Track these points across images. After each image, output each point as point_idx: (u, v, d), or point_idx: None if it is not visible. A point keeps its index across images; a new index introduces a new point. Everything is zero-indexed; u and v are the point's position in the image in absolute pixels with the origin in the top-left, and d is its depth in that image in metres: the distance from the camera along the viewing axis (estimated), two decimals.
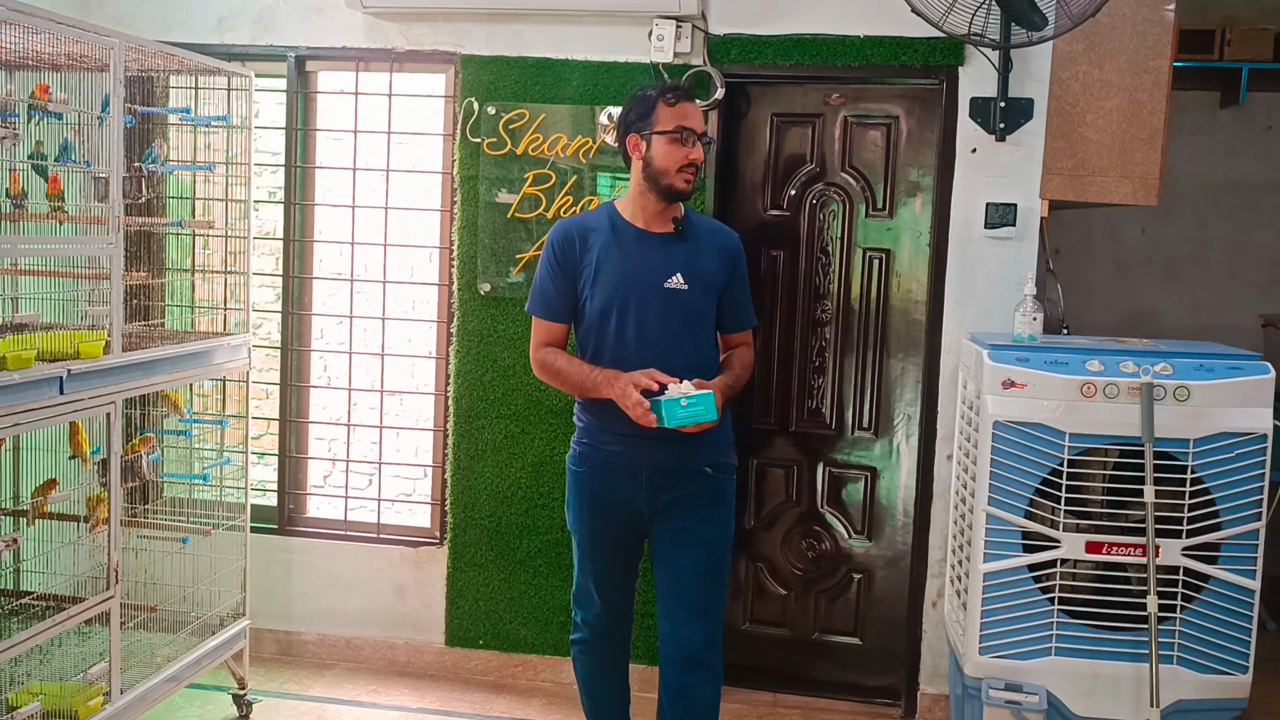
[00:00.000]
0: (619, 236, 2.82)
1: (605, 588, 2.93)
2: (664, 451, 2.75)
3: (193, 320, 3.91)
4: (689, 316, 2.81)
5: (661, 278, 2.78)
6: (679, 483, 2.79)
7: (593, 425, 2.84)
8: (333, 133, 4.11)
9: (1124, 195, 3.53)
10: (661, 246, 2.82)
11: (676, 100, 2.78)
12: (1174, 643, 3.01)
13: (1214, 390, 2.98)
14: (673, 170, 2.76)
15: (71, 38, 2.85)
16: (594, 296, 2.80)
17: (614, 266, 2.79)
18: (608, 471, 2.82)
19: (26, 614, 2.96)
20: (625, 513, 2.84)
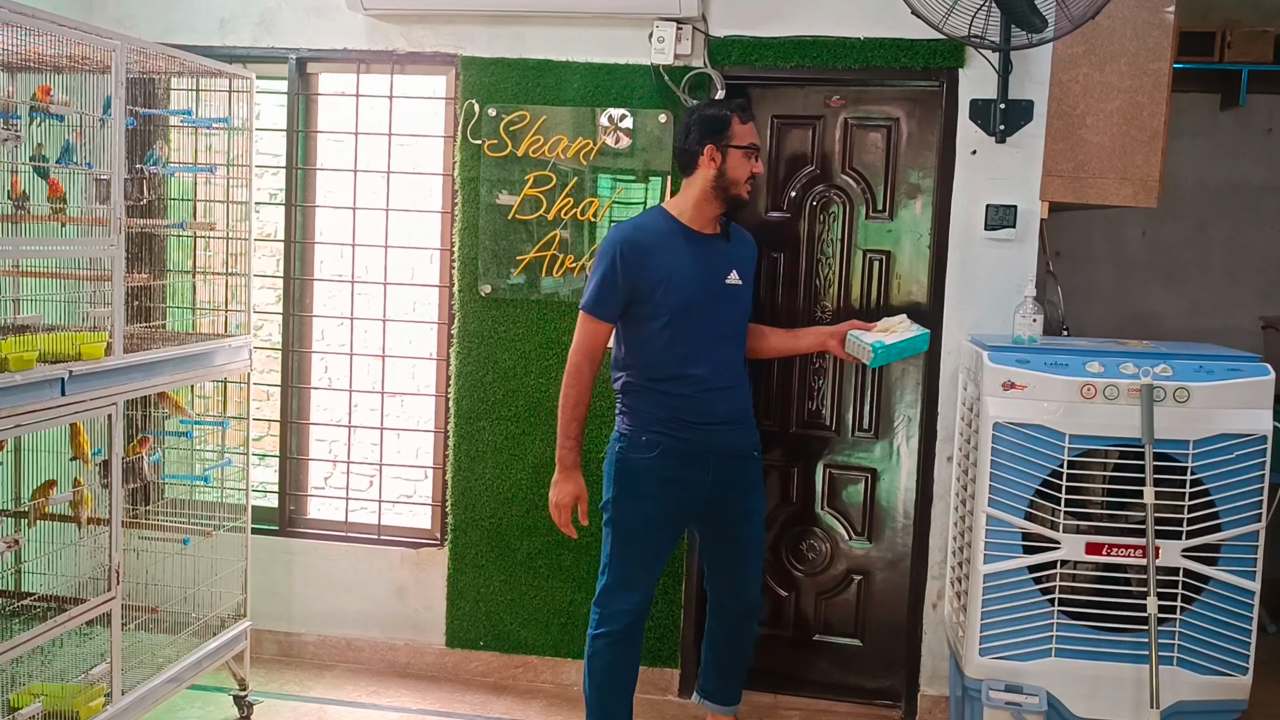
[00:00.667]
0: (681, 238, 3.08)
1: (652, 570, 3.13)
2: (727, 435, 3.10)
3: (194, 322, 3.91)
4: (742, 310, 3.18)
5: (723, 276, 3.10)
6: (736, 465, 3.13)
7: (666, 416, 3.06)
8: (334, 134, 4.12)
9: (1124, 197, 3.53)
10: (717, 247, 3.13)
11: (747, 119, 3.08)
12: (1174, 644, 3.01)
13: (1214, 392, 2.98)
14: (741, 181, 3.05)
15: (73, 40, 2.86)
16: (669, 294, 3.02)
17: (684, 267, 3.05)
18: (680, 455, 3.05)
19: (28, 615, 2.97)
20: (689, 492, 3.08)
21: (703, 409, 3.05)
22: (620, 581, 3.10)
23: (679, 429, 3.05)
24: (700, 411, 3.05)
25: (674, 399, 3.05)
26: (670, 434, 3.05)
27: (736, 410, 3.13)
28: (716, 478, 3.09)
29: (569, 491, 3.12)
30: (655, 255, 3.03)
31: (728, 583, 3.25)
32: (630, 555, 3.09)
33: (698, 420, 3.05)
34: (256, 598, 3.83)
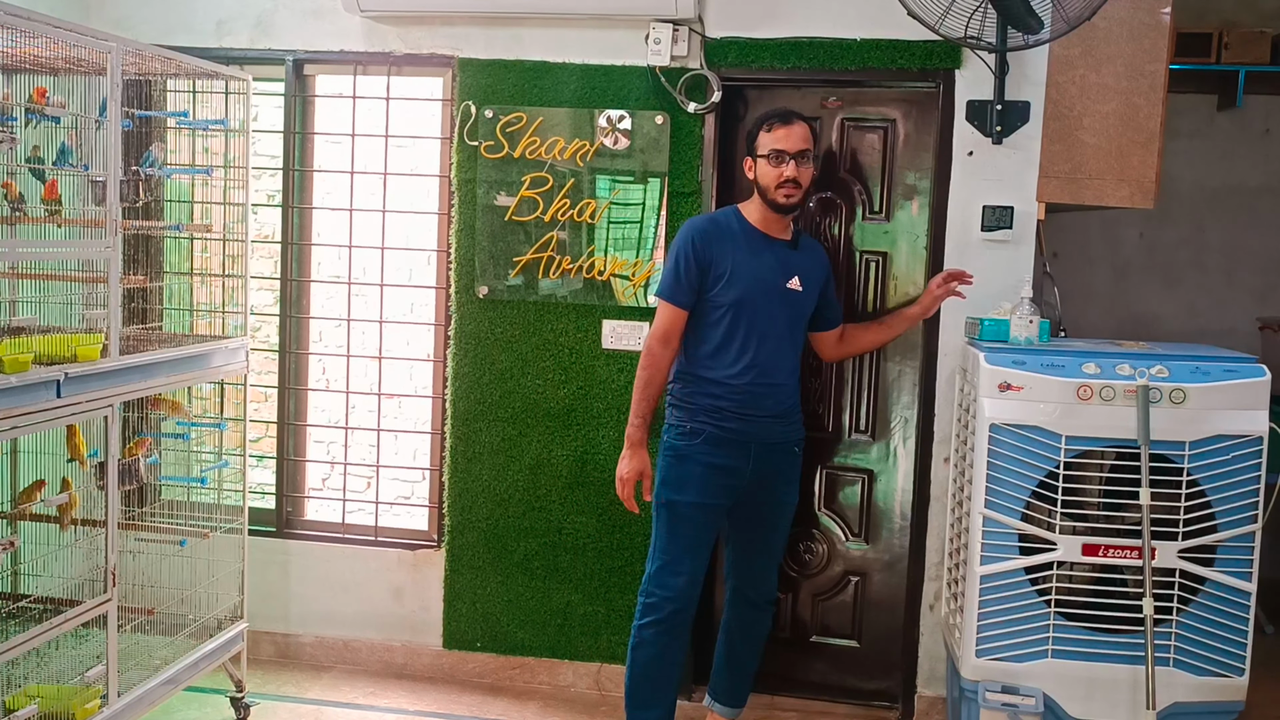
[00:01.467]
0: (750, 239, 3.24)
1: (698, 554, 3.24)
2: (771, 428, 3.24)
3: (191, 323, 3.92)
4: (799, 315, 3.30)
5: (784, 279, 3.23)
6: (777, 457, 3.28)
7: (710, 406, 3.20)
8: (331, 136, 4.12)
9: (1121, 198, 3.53)
10: (782, 251, 3.26)
11: (773, 126, 3.19)
12: (1170, 645, 3.01)
13: (1210, 393, 2.98)
14: (772, 187, 3.17)
15: (69, 41, 2.86)
16: (728, 288, 3.18)
17: (747, 264, 3.19)
18: (722, 443, 3.19)
19: (24, 617, 2.97)
20: (731, 479, 3.22)
21: (750, 403, 3.19)
22: (668, 566, 3.22)
23: (725, 419, 3.19)
24: (747, 405, 3.19)
25: (723, 390, 3.19)
26: (716, 424, 3.19)
27: (783, 407, 3.25)
28: (758, 467, 3.23)
29: (633, 467, 3.23)
30: (722, 249, 3.19)
31: (750, 571, 3.38)
32: (677, 539, 3.22)
33: (743, 413, 3.19)
34: (253, 599, 3.83)
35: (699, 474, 3.20)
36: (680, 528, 3.23)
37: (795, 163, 3.15)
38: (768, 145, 3.18)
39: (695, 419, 3.22)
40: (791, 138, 3.17)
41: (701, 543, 3.26)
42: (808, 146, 3.20)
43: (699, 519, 3.24)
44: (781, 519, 3.39)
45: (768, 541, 3.37)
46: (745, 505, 3.30)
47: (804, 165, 3.18)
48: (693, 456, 3.21)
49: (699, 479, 3.21)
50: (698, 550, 3.25)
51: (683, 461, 3.22)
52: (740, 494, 3.26)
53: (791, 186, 3.16)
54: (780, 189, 3.16)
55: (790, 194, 3.17)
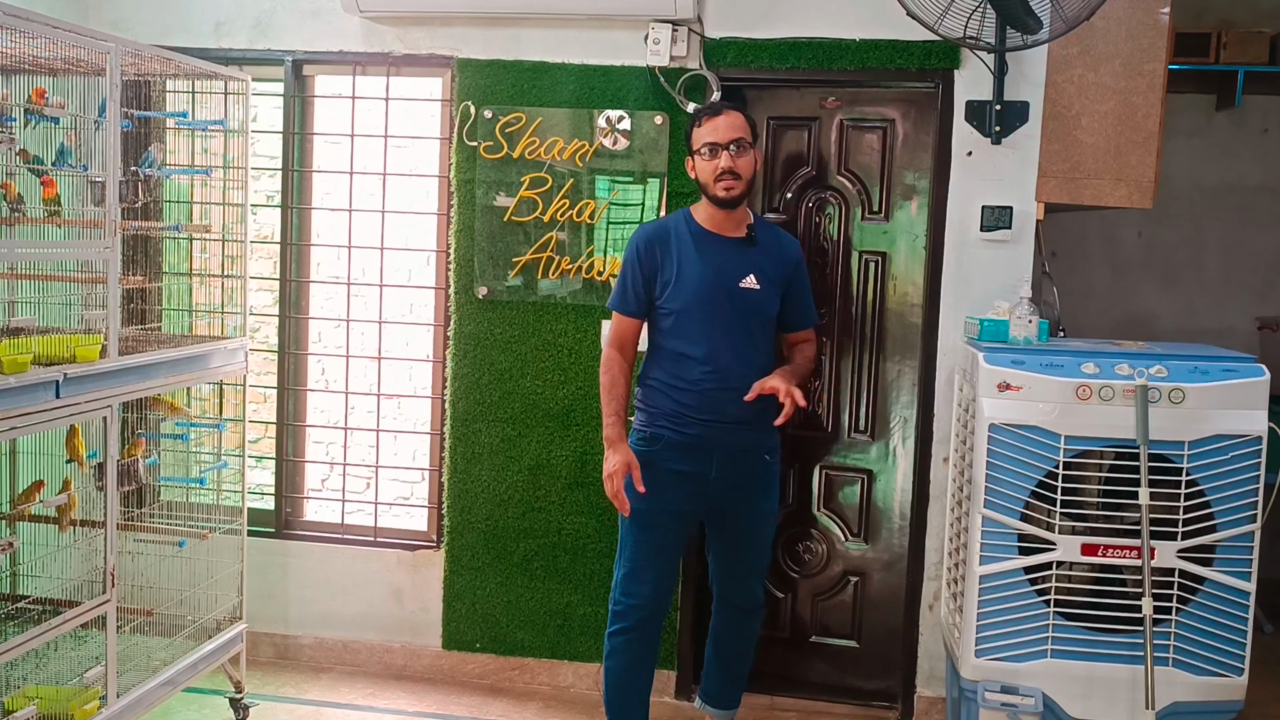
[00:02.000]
0: (697, 240, 3.16)
1: (661, 565, 3.18)
2: (736, 435, 3.14)
3: (190, 324, 3.91)
4: (759, 314, 3.16)
5: (736, 278, 3.12)
6: (744, 465, 3.17)
7: (672, 410, 3.14)
8: (330, 137, 4.12)
9: (1119, 198, 3.53)
10: (735, 250, 3.15)
11: (703, 120, 3.13)
12: (1169, 645, 3.01)
13: (1209, 393, 2.98)
14: (711, 182, 3.10)
15: (68, 42, 2.86)
16: (676, 294, 3.12)
17: (695, 267, 3.12)
18: (683, 449, 3.13)
19: (23, 618, 2.97)
20: (694, 486, 3.15)
21: (711, 408, 3.11)
22: (633, 573, 3.17)
23: (687, 425, 3.13)
24: (708, 410, 3.11)
25: (683, 395, 3.12)
26: (677, 430, 3.13)
27: (748, 412, 3.11)
28: (724, 474, 3.15)
29: (617, 459, 3.08)
30: (668, 254, 3.14)
31: (731, 579, 3.32)
32: (642, 546, 3.16)
33: (704, 418, 3.12)
34: (253, 600, 3.83)
35: (661, 480, 3.11)
36: (644, 535, 3.17)
37: (729, 153, 3.06)
38: (700, 140, 3.11)
39: (655, 424, 3.17)
40: (722, 128, 3.08)
41: (667, 549, 3.20)
42: (741, 135, 3.09)
43: (663, 525, 3.17)
44: (759, 529, 3.29)
45: (746, 552, 3.29)
46: (719, 514, 3.24)
47: (741, 155, 3.07)
48: (654, 463, 3.13)
49: (661, 485, 3.11)
50: (663, 557, 3.19)
51: (645, 468, 3.11)
52: (709, 501, 3.20)
53: (730, 178, 3.07)
54: (719, 182, 3.08)
55: (730, 186, 3.07)
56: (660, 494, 3.12)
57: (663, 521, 3.17)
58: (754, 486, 3.22)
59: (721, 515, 3.24)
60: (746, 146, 3.10)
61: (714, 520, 3.27)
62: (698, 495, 3.17)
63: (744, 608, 3.36)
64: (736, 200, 3.11)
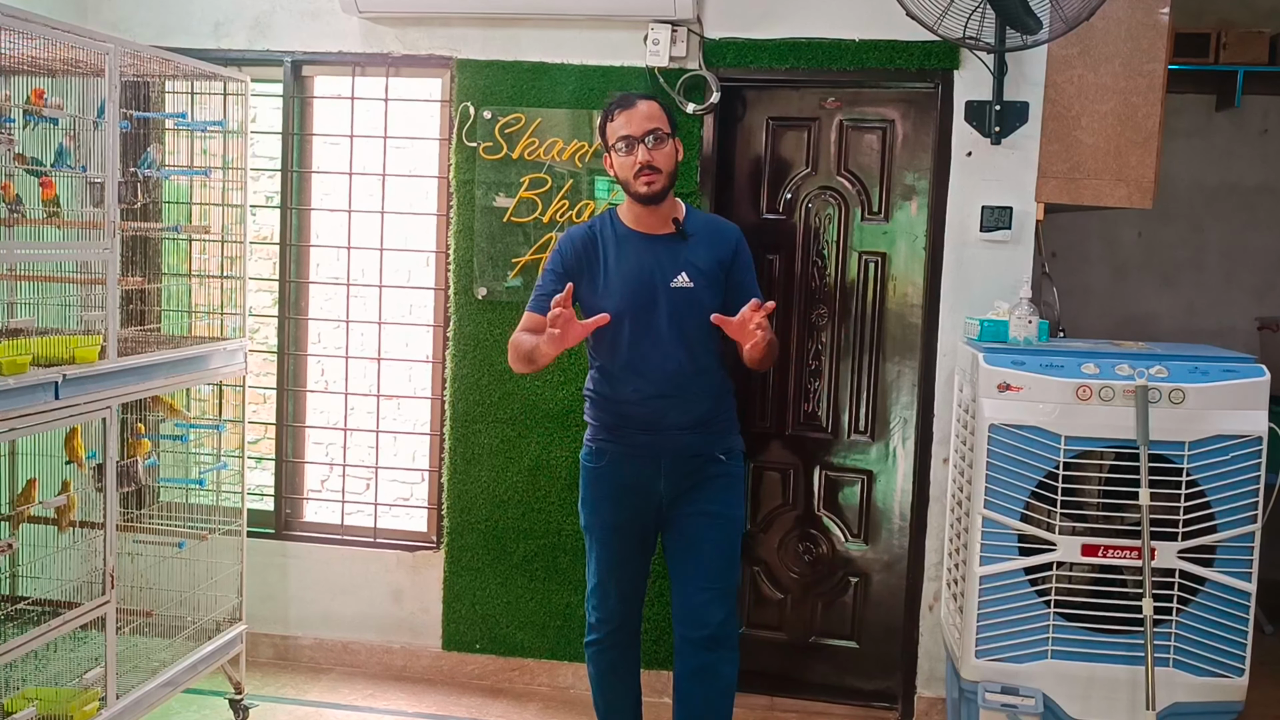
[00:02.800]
0: (623, 242, 2.94)
1: (621, 580, 3.02)
2: (683, 440, 2.93)
3: (189, 325, 3.91)
4: (695, 314, 2.87)
5: (668, 277, 2.89)
6: (696, 469, 2.95)
7: (611, 422, 2.96)
8: (329, 137, 4.12)
9: (1119, 198, 3.53)
10: (665, 248, 2.93)
11: (614, 114, 2.90)
12: (1170, 645, 3.01)
13: (1209, 393, 2.98)
14: (630, 178, 2.87)
15: (66, 43, 2.85)
16: (604, 302, 2.88)
17: (622, 271, 2.91)
18: (629, 460, 2.95)
19: (22, 619, 2.96)
20: (645, 498, 2.96)
21: (652, 416, 2.91)
22: (597, 588, 3.05)
23: (629, 435, 2.95)
24: (649, 419, 2.92)
25: (623, 406, 2.94)
26: (619, 441, 2.96)
27: (693, 417, 2.92)
28: (673, 481, 2.95)
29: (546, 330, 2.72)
30: (591, 261, 2.94)
31: (685, 601, 2.96)
32: (601, 562, 3.04)
33: (646, 427, 2.93)
34: (252, 601, 3.83)
35: (610, 494, 2.99)
36: (601, 551, 3.03)
37: (645, 146, 2.83)
38: (614, 135, 2.88)
39: (598, 438, 3.00)
40: (635, 120, 2.85)
41: (626, 563, 3.02)
42: (657, 125, 2.86)
43: (617, 541, 3.01)
44: (713, 533, 2.95)
45: (701, 560, 2.94)
46: (669, 524, 3.01)
47: (658, 146, 2.84)
48: (602, 477, 3.00)
49: (611, 499, 2.99)
50: (623, 571, 3.02)
51: (594, 482, 3.01)
52: (661, 512, 2.99)
53: (649, 173, 2.83)
54: (638, 178, 2.84)
55: (650, 179, 2.83)
56: (609, 509, 3.00)
57: (615, 538, 3.01)
58: (708, 488, 2.97)
59: (673, 524, 3.00)
60: (664, 136, 2.86)
61: (667, 533, 3.03)
62: (649, 507, 2.98)
63: (699, 639, 2.92)
64: (659, 195, 2.87)
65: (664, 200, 2.91)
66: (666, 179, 2.88)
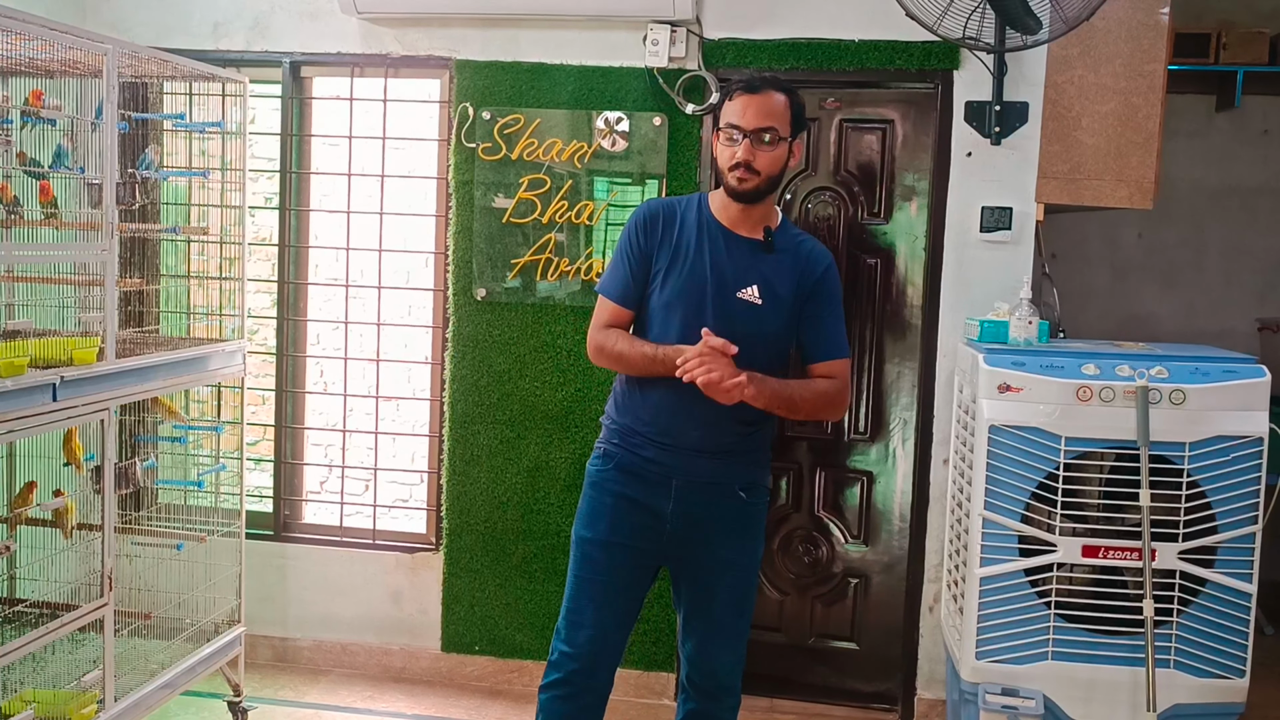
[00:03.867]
0: (705, 228, 2.63)
1: (602, 609, 2.63)
2: (699, 464, 2.60)
3: (188, 326, 3.91)
4: (756, 335, 2.55)
5: (736, 285, 2.58)
6: (709, 501, 2.62)
7: (626, 427, 2.65)
8: (328, 138, 4.11)
9: (1119, 199, 3.53)
10: (746, 253, 2.61)
11: (734, 95, 2.57)
12: (1171, 646, 3.01)
13: (1210, 394, 2.97)
14: (725, 169, 2.57)
15: (65, 44, 2.85)
16: (665, 285, 2.60)
17: (692, 258, 2.60)
18: (636, 473, 2.63)
19: (20, 621, 2.96)
20: (648, 518, 2.62)
21: (668, 429, 2.59)
22: (570, 617, 2.66)
23: (640, 446, 2.62)
24: (664, 431, 2.59)
25: (640, 409, 2.62)
26: (631, 450, 2.63)
27: (715, 442, 2.58)
28: (683, 510, 2.60)
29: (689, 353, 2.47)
30: (670, 234, 2.62)
31: (694, 649, 2.69)
32: (583, 585, 2.65)
33: (662, 440, 2.60)
34: (251, 603, 3.82)
35: (610, 505, 2.64)
36: (586, 571, 2.65)
37: (750, 142, 2.52)
38: (724, 118, 2.58)
39: (611, 440, 2.68)
40: (749, 111, 2.53)
41: (612, 592, 2.63)
42: (770, 124, 2.53)
43: (608, 562, 2.63)
44: (725, 583, 2.65)
45: (711, 612, 2.66)
46: (678, 562, 2.67)
47: (765, 148, 2.53)
48: (604, 484, 2.66)
49: (610, 511, 2.63)
50: (607, 601, 2.63)
51: (595, 489, 2.68)
52: (667, 542, 2.63)
53: (745, 171, 2.53)
54: (732, 172, 2.54)
55: (744, 179, 2.53)
56: (606, 522, 2.64)
57: (606, 557, 2.63)
58: (723, 528, 2.63)
59: (682, 562, 2.67)
60: (774, 139, 2.53)
61: (675, 569, 2.70)
62: (652, 532, 2.62)
63: (706, 688, 2.70)
64: (750, 195, 2.56)
65: (758, 203, 2.60)
66: (765, 182, 2.56)
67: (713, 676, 2.69)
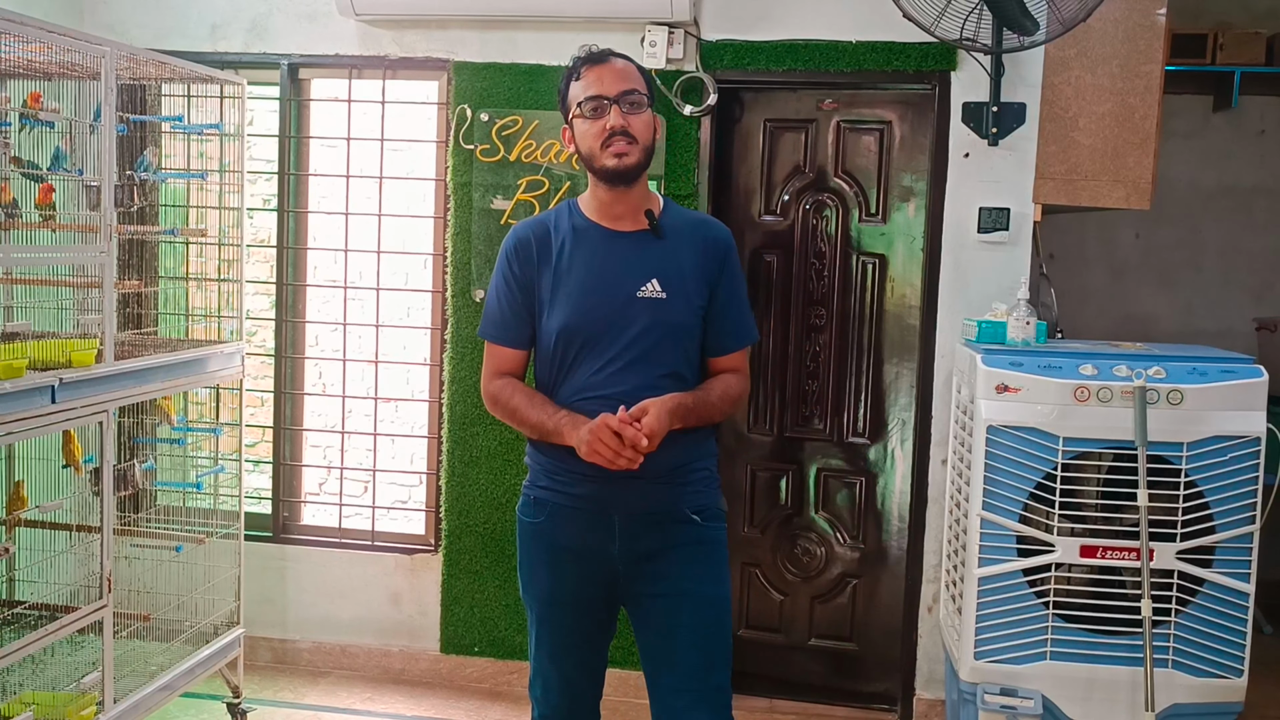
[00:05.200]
0: (581, 237, 2.34)
1: (566, 669, 2.41)
2: (640, 494, 2.27)
3: (186, 328, 3.91)
4: (668, 332, 2.29)
5: (634, 285, 2.29)
6: (660, 531, 2.30)
7: (551, 465, 2.33)
8: (326, 140, 4.11)
9: (1117, 199, 3.53)
10: (634, 247, 2.33)
11: (582, 70, 2.30)
12: (1169, 646, 3.01)
13: (1207, 394, 2.98)
14: (597, 149, 2.27)
15: (63, 46, 2.85)
16: (555, 310, 2.31)
17: (578, 274, 2.31)
18: (572, 517, 2.31)
19: (19, 623, 2.96)
20: (593, 565, 2.32)
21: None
22: (536, 675, 2.46)
23: (572, 482, 2.30)
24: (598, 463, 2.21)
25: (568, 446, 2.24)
26: (560, 490, 2.32)
27: (656, 464, 2.22)
28: (630, 546, 2.29)
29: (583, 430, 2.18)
30: (547, 258, 2.34)
31: (660, 703, 2.35)
32: (542, 644, 2.42)
33: (595, 474, 2.22)
34: (250, 604, 3.82)
35: (547, 561, 2.37)
36: (543, 631, 2.40)
37: (619, 107, 2.25)
38: (579, 96, 2.29)
39: (537, 483, 2.37)
40: (607, 77, 2.27)
41: (572, 647, 2.39)
42: (634, 86, 2.28)
43: (560, 620, 2.38)
44: (687, 617, 2.29)
45: (673, 655, 2.30)
46: (631, 602, 2.36)
47: (634, 112, 2.27)
48: (539, 537, 2.38)
49: (549, 568, 2.37)
50: (568, 656, 2.40)
51: (530, 542, 2.41)
52: (617, 583, 2.33)
53: (622, 141, 2.24)
54: (607, 147, 2.25)
55: (622, 151, 2.25)
56: (546, 578, 2.38)
57: (558, 614, 2.38)
58: (678, 558, 2.30)
59: (638, 602, 2.35)
60: (643, 101, 2.29)
61: (631, 608, 2.38)
62: (599, 578, 2.33)
63: None
64: (630, 171, 2.27)
65: (636, 182, 2.32)
66: (642, 153, 2.28)
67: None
